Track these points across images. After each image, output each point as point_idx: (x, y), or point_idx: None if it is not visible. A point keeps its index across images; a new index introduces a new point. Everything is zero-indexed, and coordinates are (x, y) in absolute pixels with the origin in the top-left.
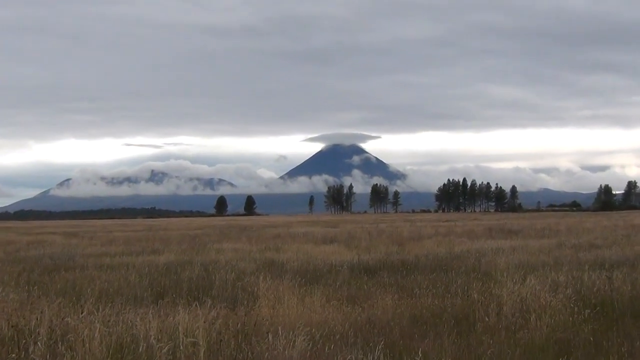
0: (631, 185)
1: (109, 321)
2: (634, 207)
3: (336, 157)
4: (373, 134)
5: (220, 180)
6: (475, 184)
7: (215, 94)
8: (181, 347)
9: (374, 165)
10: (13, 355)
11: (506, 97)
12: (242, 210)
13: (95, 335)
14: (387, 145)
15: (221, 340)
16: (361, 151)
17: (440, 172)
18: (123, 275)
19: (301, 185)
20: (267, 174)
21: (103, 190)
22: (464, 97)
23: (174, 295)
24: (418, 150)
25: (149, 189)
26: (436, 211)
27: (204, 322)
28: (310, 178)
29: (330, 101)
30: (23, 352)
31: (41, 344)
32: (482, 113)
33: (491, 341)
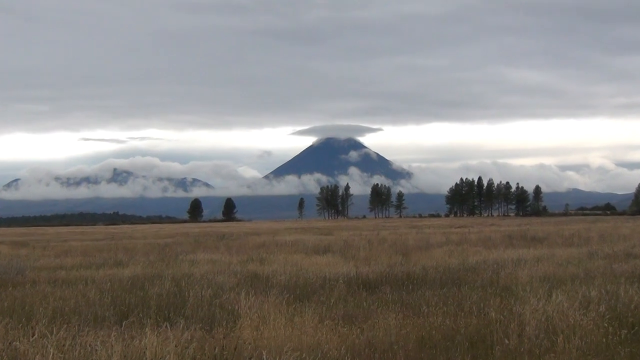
0: None
1: (64, 345)
2: None
3: (330, 153)
4: (373, 126)
5: (195, 181)
6: (493, 183)
7: (188, 80)
8: None
9: (374, 163)
10: None
11: (527, 82)
12: (220, 215)
13: None
14: (390, 139)
15: None
16: (359, 146)
17: (452, 170)
18: (81, 291)
19: (289, 185)
20: (250, 172)
21: (57, 193)
22: (479, 82)
23: (141, 315)
24: (425, 144)
25: (111, 191)
26: (447, 215)
27: (176, 346)
28: (299, 177)
29: (322, 88)
30: None
31: None
32: (499, 101)
33: None
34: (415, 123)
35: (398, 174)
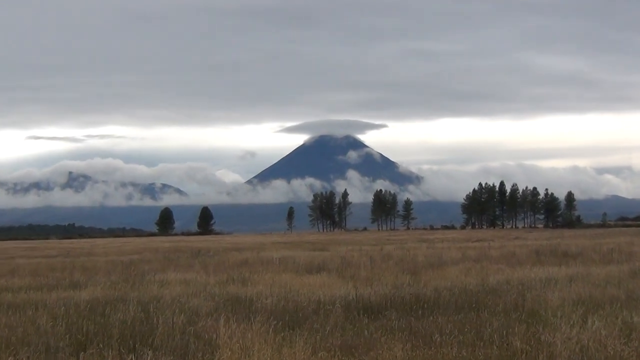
0: None
1: None
2: None
3: (325, 154)
4: (376, 122)
5: (165, 186)
6: (517, 189)
7: (156, 68)
8: None
9: (377, 165)
10: None
11: (558, 69)
12: (195, 228)
13: None
14: (395, 136)
15: None
16: (359, 145)
17: (469, 174)
18: (30, 318)
19: (276, 192)
20: (230, 177)
21: (1, 201)
22: (501, 71)
23: (101, 346)
24: (437, 143)
25: (65, 199)
26: (463, 227)
27: None
28: (288, 183)
29: (316, 77)
30: None
31: None
32: (524, 92)
33: None
34: (425, 118)
35: (405, 178)
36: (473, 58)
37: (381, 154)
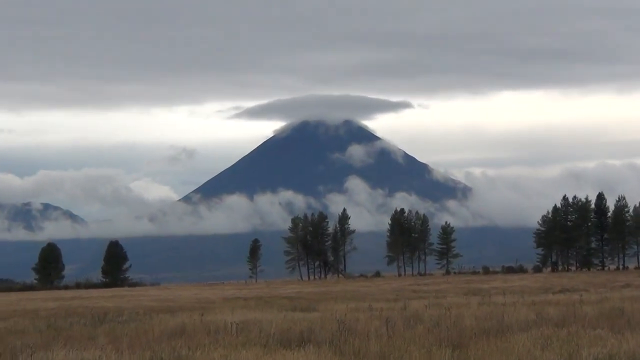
0: None
1: None
2: None
3: (310, 152)
4: (392, 98)
5: (48, 208)
6: (626, 205)
7: (30, 17)
8: None
9: (395, 168)
10: None
11: None
12: (98, 276)
13: None
14: (425, 122)
15: None
16: (366, 136)
17: (546, 182)
18: None
19: (232, 216)
20: (154, 190)
21: None
22: (599, 13)
23: None
24: (495, 133)
25: None
26: (538, 270)
27: None
28: (251, 199)
29: (293, 25)
30: None
31: None
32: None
33: None
34: (473, 92)
35: (443, 189)
36: None
37: (403, 151)
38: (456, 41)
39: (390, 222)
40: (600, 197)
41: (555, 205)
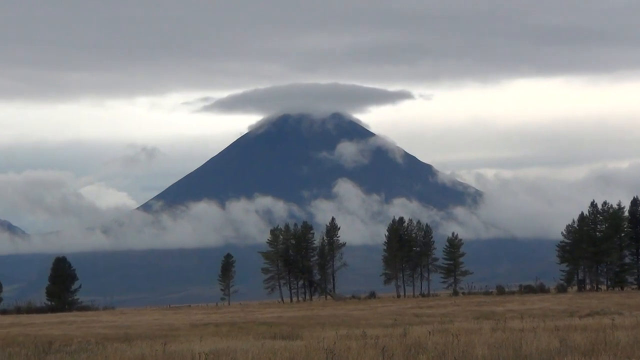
0: None
1: None
2: None
3: (291, 151)
4: (390, 88)
5: None
6: None
7: None
8: None
9: (393, 170)
10: None
11: None
12: (42, 298)
13: None
14: (429, 116)
15: None
16: (359, 132)
17: (570, 185)
18: None
19: (200, 226)
20: (108, 197)
21: None
22: None
23: None
24: (510, 128)
25: None
26: (561, 289)
27: None
28: (222, 207)
29: (274, 6)
30: None
31: None
32: None
33: None
34: (484, 80)
35: (450, 194)
36: None
37: (402, 150)
38: (463, 21)
39: (387, 233)
40: (636, 203)
41: (582, 212)
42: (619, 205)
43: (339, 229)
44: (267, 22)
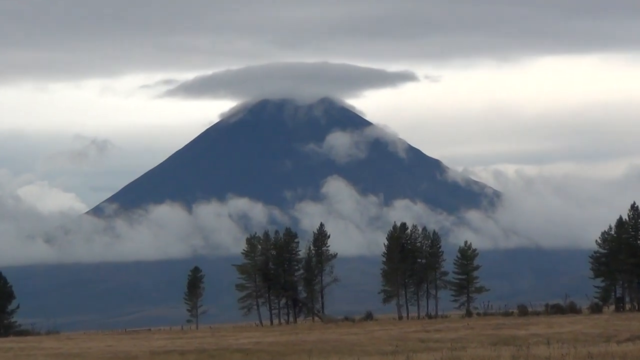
0: None
1: None
2: None
3: (272, 143)
4: (389, 68)
5: None
6: None
7: None
8: None
9: (395, 165)
10: None
11: None
12: None
13: None
14: (436, 101)
15: None
16: (352, 120)
17: (606, 183)
18: None
19: (162, 234)
20: (52, 199)
21: None
22: None
23: None
24: (533, 114)
25: None
26: (596, 309)
27: None
28: (189, 210)
29: None
30: None
31: None
32: None
33: None
34: (499, 58)
35: (461, 194)
36: None
37: (405, 142)
38: None
39: (386, 242)
40: None
41: (621, 217)
42: None
43: (329, 237)
44: None
